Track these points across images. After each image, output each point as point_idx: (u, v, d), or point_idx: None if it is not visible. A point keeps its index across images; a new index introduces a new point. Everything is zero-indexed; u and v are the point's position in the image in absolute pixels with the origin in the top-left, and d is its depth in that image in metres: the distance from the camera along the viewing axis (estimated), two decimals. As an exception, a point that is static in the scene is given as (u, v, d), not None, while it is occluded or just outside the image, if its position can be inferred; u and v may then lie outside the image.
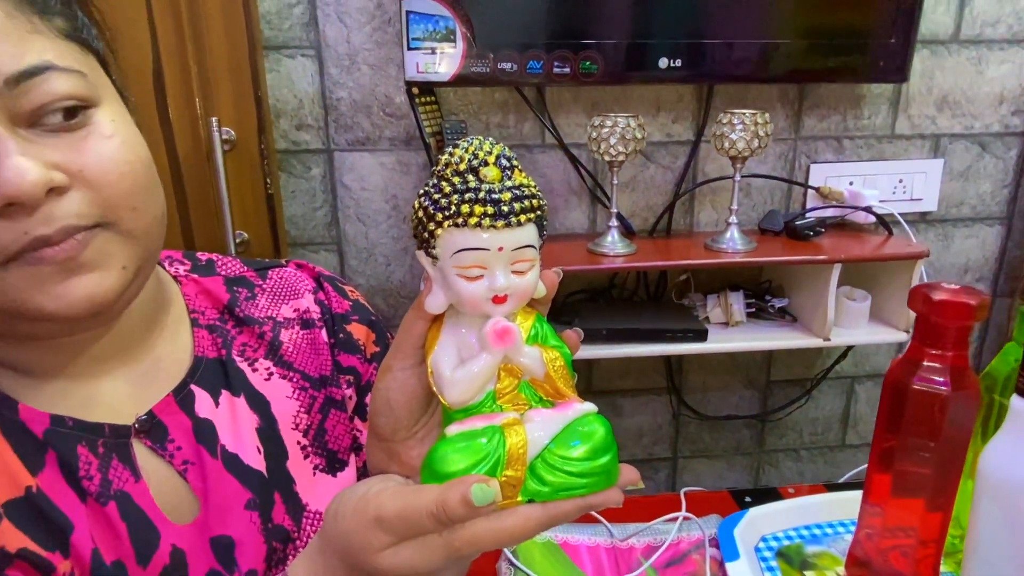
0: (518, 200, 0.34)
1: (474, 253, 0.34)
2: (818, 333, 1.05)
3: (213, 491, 0.46)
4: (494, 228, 0.34)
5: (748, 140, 0.98)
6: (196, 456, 0.46)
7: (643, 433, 1.35)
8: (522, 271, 0.35)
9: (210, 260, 0.56)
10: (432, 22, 0.96)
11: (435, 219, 0.34)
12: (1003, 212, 1.28)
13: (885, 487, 0.61)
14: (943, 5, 1.14)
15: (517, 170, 0.36)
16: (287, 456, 0.50)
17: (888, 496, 0.61)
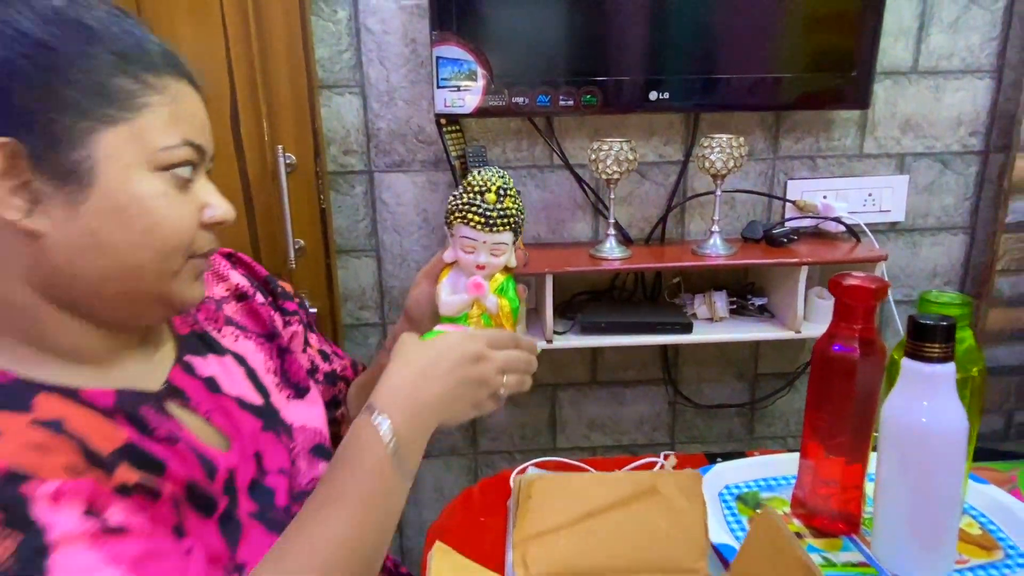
0: (501, 218, 0.61)
1: (469, 240, 0.61)
2: (790, 327, 1.18)
3: (235, 425, 0.58)
4: (483, 230, 0.61)
5: (725, 160, 1.12)
6: (214, 404, 0.58)
7: (643, 421, 1.48)
8: (496, 254, 0.62)
9: None
10: (457, 65, 1.13)
11: (454, 215, 0.62)
12: (966, 222, 1.40)
13: (816, 449, 0.74)
14: (902, 42, 1.28)
15: (509, 197, 0.61)
16: (269, 393, 0.64)
17: (818, 456, 0.74)
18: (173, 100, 0.48)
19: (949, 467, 0.63)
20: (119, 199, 0.46)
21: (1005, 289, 1.38)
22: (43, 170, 0.44)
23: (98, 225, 0.45)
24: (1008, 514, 0.75)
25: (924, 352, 0.61)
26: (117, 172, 0.45)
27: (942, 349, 0.61)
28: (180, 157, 0.48)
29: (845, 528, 0.74)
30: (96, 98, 0.45)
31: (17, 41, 0.43)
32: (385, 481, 0.52)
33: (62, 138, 0.44)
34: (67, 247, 0.45)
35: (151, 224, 0.47)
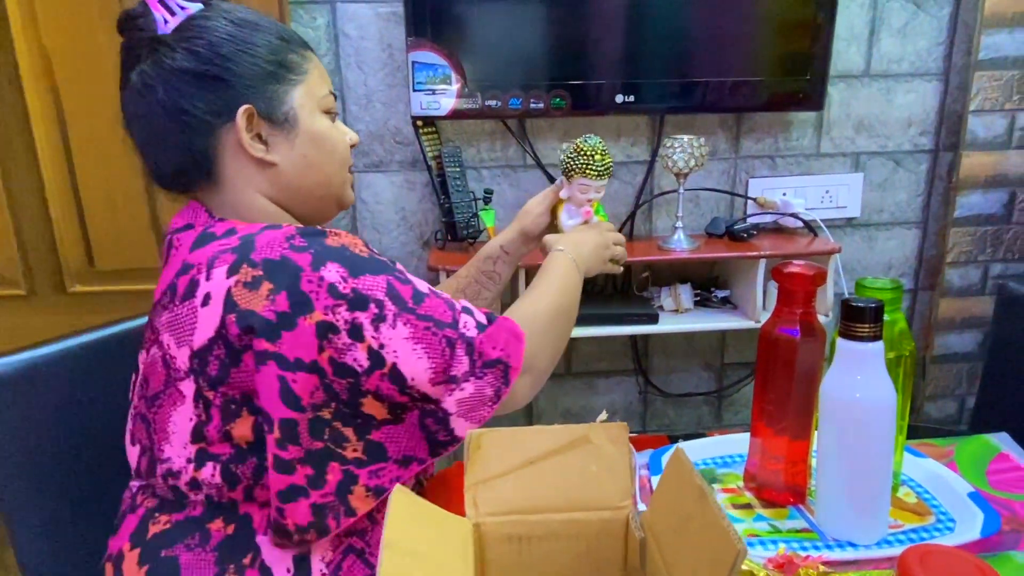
0: (606, 170, 0.89)
1: (586, 185, 0.89)
2: (751, 317, 1.23)
3: None
4: (595, 178, 0.88)
5: (687, 160, 1.17)
6: None
7: (615, 410, 1.53)
8: (599, 192, 0.90)
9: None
10: (432, 69, 1.17)
11: (575, 170, 0.88)
12: (918, 217, 1.46)
13: (764, 428, 0.79)
14: (854, 47, 1.34)
15: (608, 156, 0.89)
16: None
17: (766, 434, 0.79)
18: (316, 65, 0.69)
19: (880, 438, 0.68)
20: (313, 132, 0.67)
21: (955, 280, 1.45)
22: (269, 120, 0.65)
23: (306, 151, 0.67)
24: (941, 483, 0.80)
25: (855, 332, 0.66)
26: (307, 116, 0.67)
27: (871, 328, 0.66)
28: (331, 101, 0.70)
29: (792, 499, 0.79)
30: (284, 70, 0.66)
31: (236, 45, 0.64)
32: (570, 273, 0.79)
33: (274, 99, 0.65)
34: (292, 168, 0.66)
35: (332, 146, 0.68)
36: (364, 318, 0.56)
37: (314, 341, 0.55)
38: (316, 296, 0.55)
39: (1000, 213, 1.41)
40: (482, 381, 0.61)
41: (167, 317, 0.59)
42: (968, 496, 0.76)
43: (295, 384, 0.55)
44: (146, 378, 0.63)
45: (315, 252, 0.57)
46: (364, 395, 0.58)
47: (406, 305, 0.59)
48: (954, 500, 0.77)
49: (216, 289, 0.56)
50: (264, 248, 0.57)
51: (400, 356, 0.57)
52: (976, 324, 1.48)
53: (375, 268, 0.59)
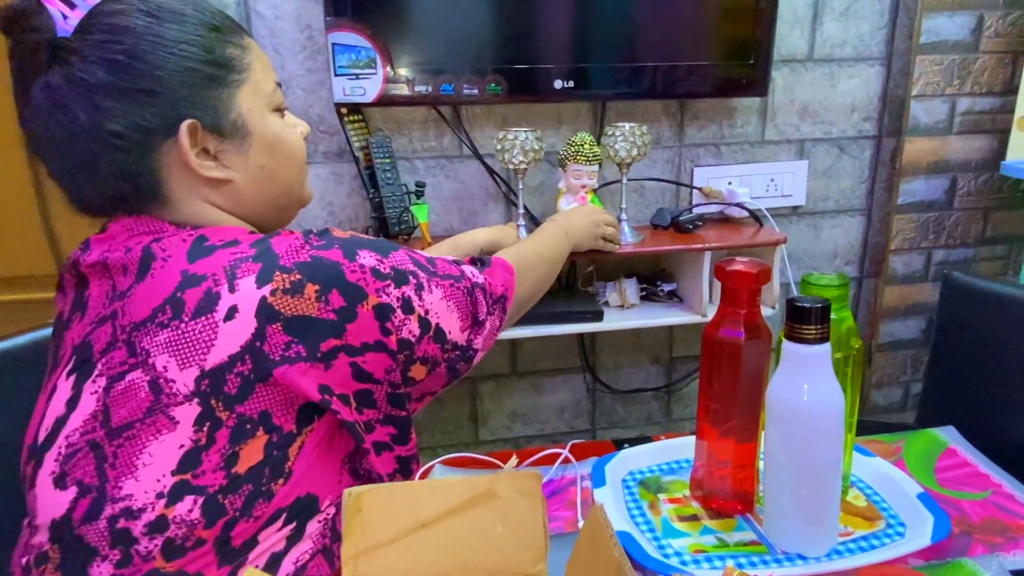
0: (596, 157, 1.14)
1: (578, 171, 1.14)
2: (697, 311, 1.20)
3: None
4: (586, 164, 1.14)
5: (629, 149, 1.13)
6: None
7: (563, 409, 1.49)
8: (591, 178, 1.15)
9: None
10: (355, 52, 1.09)
11: (569, 158, 1.14)
12: (863, 205, 1.46)
13: (710, 430, 0.75)
14: (797, 30, 1.31)
15: (597, 146, 1.14)
16: None
17: (712, 436, 0.75)
18: (256, 53, 0.62)
19: (828, 444, 0.65)
20: (268, 138, 0.61)
21: (899, 267, 1.45)
22: (217, 133, 0.58)
23: (263, 161, 0.61)
24: (891, 484, 0.78)
25: (801, 334, 0.62)
26: (257, 119, 0.61)
27: (817, 331, 0.62)
28: (280, 96, 0.64)
29: (740, 507, 0.75)
30: (224, 70, 0.58)
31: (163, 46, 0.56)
32: (557, 235, 0.90)
33: (219, 107, 0.58)
34: (250, 182, 0.61)
35: (290, 150, 0.64)
36: (410, 291, 0.59)
37: (375, 324, 0.57)
38: (365, 283, 0.57)
39: (942, 199, 1.42)
40: (494, 316, 0.68)
41: (168, 336, 0.53)
42: (918, 498, 0.74)
43: (366, 364, 0.57)
44: (107, 408, 0.54)
45: (341, 245, 0.58)
46: (414, 363, 0.61)
47: (430, 269, 0.62)
48: (904, 502, 0.75)
49: (245, 300, 0.53)
50: (290, 253, 0.56)
51: (441, 316, 0.62)
52: (920, 311, 1.49)
53: (390, 245, 0.61)
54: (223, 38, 0.59)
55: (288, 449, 0.56)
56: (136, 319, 0.54)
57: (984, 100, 1.36)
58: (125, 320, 0.54)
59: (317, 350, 0.55)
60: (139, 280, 0.55)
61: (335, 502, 0.61)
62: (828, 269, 1.49)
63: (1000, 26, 1.31)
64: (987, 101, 1.36)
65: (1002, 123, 1.37)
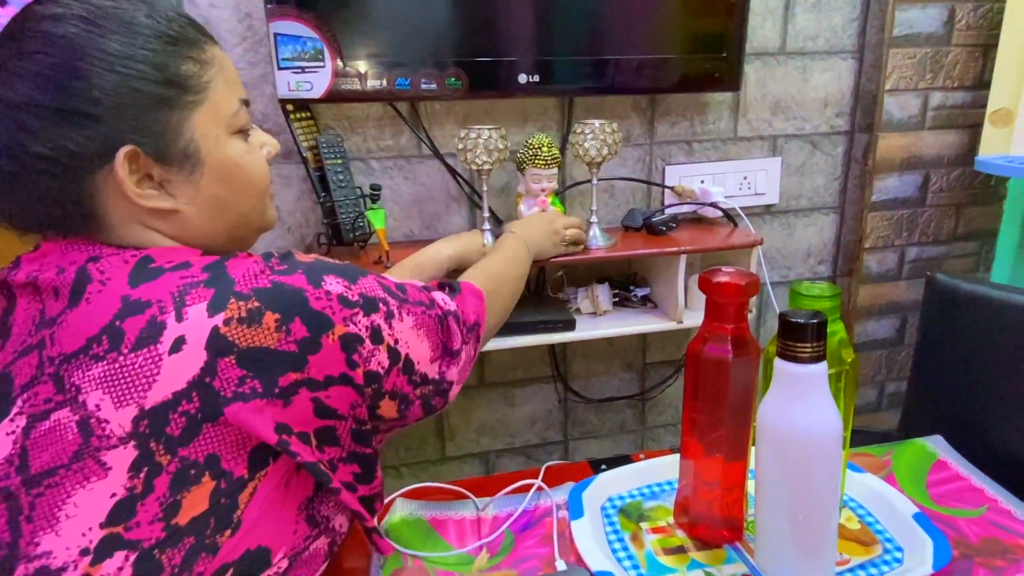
0: (554, 160, 1.09)
1: (537, 175, 1.09)
2: (672, 317, 1.15)
3: None
4: (544, 167, 1.09)
5: (599, 148, 1.07)
6: None
7: (535, 419, 1.43)
8: (551, 181, 1.10)
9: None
10: (300, 43, 1.00)
11: (526, 162, 1.09)
12: (836, 202, 1.44)
13: (695, 447, 0.70)
14: (769, 22, 1.28)
15: (555, 147, 1.10)
16: None
17: (699, 454, 0.70)
18: (220, 68, 0.55)
19: (826, 471, 0.60)
20: (222, 166, 0.56)
21: (873, 266, 1.44)
22: (162, 161, 0.52)
23: (216, 190, 0.56)
24: (885, 504, 0.74)
25: (795, 352, 0.58)
26: (212, 145, 0.55)
27: (813, 349, 0.57)
28: (244, 118, 0.57)
29: (729, 535, 0.71)
30: (176, 90, 0.52)
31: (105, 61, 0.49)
32: (517, 249, 0.88)
33: (166, 132, 0.52)
34: (199, 213, 0.55)
35: (248, 177, 0.58)
36: (379, 319, 0.55)
37: (341, 355, 0.52)
38: (331, 311, 0.52)
39: (915, 196, 1.40)
40: (469, 345, 0.65)
41: (103, 370, 0.48)
42: (914, 519, 0.71)
43: (330, 399, 0.53)
44: (25, 451, 0.48)
45: (305, 270, 0.53)
46: (382, 397, 0.57)
47: (400, 296, 0.59)
48: (900, 524, 0.71)
49: (194, 330, 0.48)
50: (247, 278, 0.51)
51: (411, 345, 0.58)
52: (894, 310, 1.48)
53: (358, 271, 0.57)
54: (180, 52, 0.52)
55: (238, 496, 0.50)
56: (66, 350, 0.48)
57: (956, 94, 1.35)
58: (54, 351, 0.49)
59: (275, 385, 0.50)
60: (72, 306, 0.49)
61: (288, 554, 0.54)
62: (802, 269, 1.46)
63: (971, 18, 1.29)
64: (959, 95, 1.35)
65: (973, 118, 1.36)
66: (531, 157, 1.08)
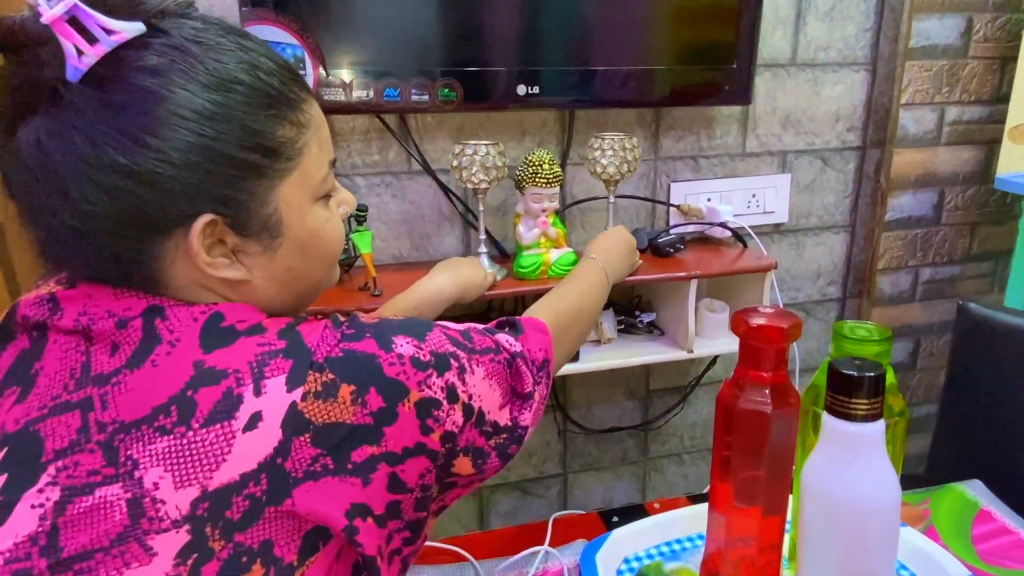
0: (555, 178, 1.01)
1: (537, 194, 1.01)
2: (682, 345, 1.09)
3: None
4: (545, 186, 1.01)
5: (618, 165, 1.01)
6: None
7: (532, 452, 1.36)
8: (552, 201, 1.02)
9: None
10: (279, 50, 0.93)
11: (526, 180, 1.01)
12: (846, 220, 1.38)
13: (726, 496, 0.63)
14: (780, 30, 1.23)
15: (556, 165, 1.01)
16: None
17: (729, 505, 0.63)
18: (316, 129, 0.51)
19: (882, 542, 0.54)
20: (303, 237, 0.51)
21: (886, 287, 1.39)
22: (240, 232, 0.48)
23: (292, 262, 0.52)
24: (931, 564, 0.68)
25: (849, 409, 0.51)
26: (296, 215, 0.50)
27: (870, 406, 0.51)
28: (331, 182, 0.53)
29: (762, 604, 0.64)
30: (269, 158, 0.47)
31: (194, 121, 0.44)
32: (597, 280, 0.82)
33: (251, 202, 0.47)
34: (270, 284, 0.51)
35: (326, 249, 0.54)
36: (453, 376, 0.51)
37: (415, 423, 0.48)
38: (406, 376, 0.48)
39: (930, 214, 1.36)
40: (541, 385, 0.60)
41: (168, 445, 0.43)
42: (968, 585, 0.64)
43: (404, 472, 0.48)
44: (56, 529, 0.41)
45: (373, 333, 0.49)
46: (456, 456, 0.52)
47: (468, 346, 0.54)
48: (950, 589, 0.65)
49: (272, 407, 0.44)
50: (322, 347, 0.47)
51: (484, 398, 0.54)
52: (907, 333, 1.43)
53: (422, 325, 0.53)
54: (278, 115, 0.47)
55: None
56: (125, 418, 0.43)
57: (973, 109, 1.30)
58: (106, 416, 0.43)
59: (348, 461, 0.45)
60: (134, 366, 0.44)
61: None
62: (811, 290, 1.41)
63: (989, 29, 1.25)
64: (976, 110, 1.31)
65: (991, 133, 1.32)
66: (531, 175, 1.01)
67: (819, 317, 1.43)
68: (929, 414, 1.48)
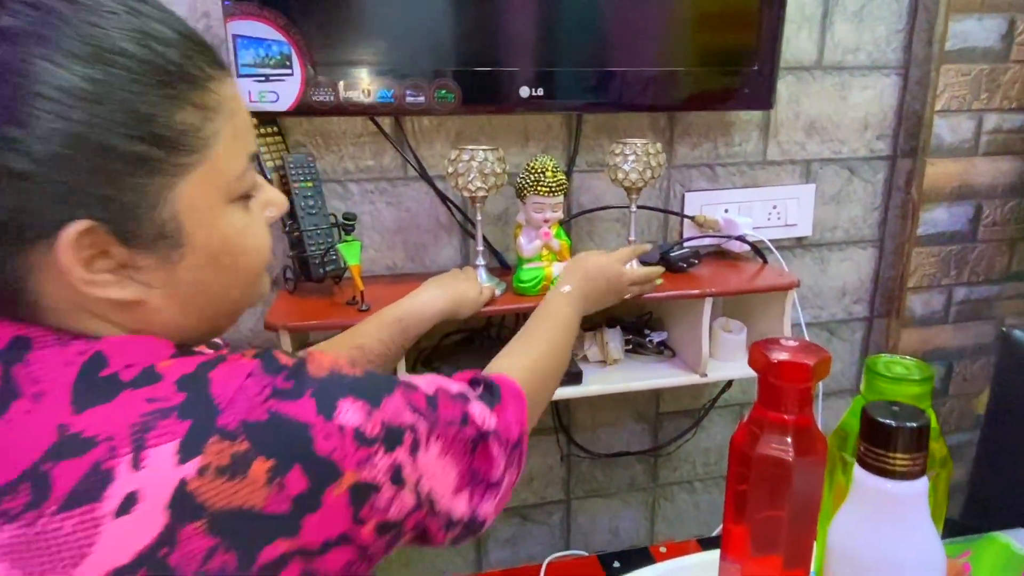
0: (559, 186, 0.94)
1: (539, 203, 0.94)
2: (695, 368, 1.02)
3: None
4: (548, 195, 0.93)
5: (641, 171, 0.95)
6: None
7: (533, 476, 1.29)
8: (555, 211, 0.95)
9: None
10: (263, 46, 0.88)
11: (527, 188, 0.94)
12: (875, 235, 1.31)
13: (741, 542, 0.56)
14: (805, 31, 1.16)
15: (559, 172, 0.94)
16: None
17: (745, 553, 0.56)
18: (229, 115, 0.42)
19: (923, 619, 0.46)
20: (212, 247, 0.43)
21: (916, 308, 1.31)
22: (127, 242, 0.39)
23: (199, 277, 0.43)
24: (973, 632, 0.60)
25: (886, 464, 0.44)
26: (202, 220, 0.42)
27: (911, 460, 0.44)
28: (250, 179, 0.45)
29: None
30: (161, 149, 0.38)
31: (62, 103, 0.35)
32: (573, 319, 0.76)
33: (139, 205, 0.39)
34: (173, 304, 0.43)
35: (244, 260, 0.45)
36: (403, 454, 0.42)
37: (347, 512, 0.40)
38: (342, 455, 0.39)
39: (965, 229, 1.28)
40: (512, 469, 0.53)
41: (15, 535, 0.35)
42: (1019, 660, 0.56)
43: (324, 564, 0.40)
44: None
45: (316, 392, 0.40)
46: (399, 539, 0.45)
47: (430, 415, 0.46)
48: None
49: (155, 485, 0.35)
50: (235, 405, 0.38)
51: (434, 479, 0.45)
52: (939, 356, 1.35)
53: (383, 383, 0.44)
54: (178, 96, 0.39)
55: None
56: None
57: (1014, 117, 1.23)
58: None
59: (254, 560, 0.37)
60: None
61: None
62: (835, 308, 1.33)
63: (1032, 32, 1.18)
64: (1017, 118, 1.23)
65: (1032, 143, 1.24)
66: (533, 183, 0.94)
67: (844, 337, 1.35)
68: (961, 443, 1.39)
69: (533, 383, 0.61)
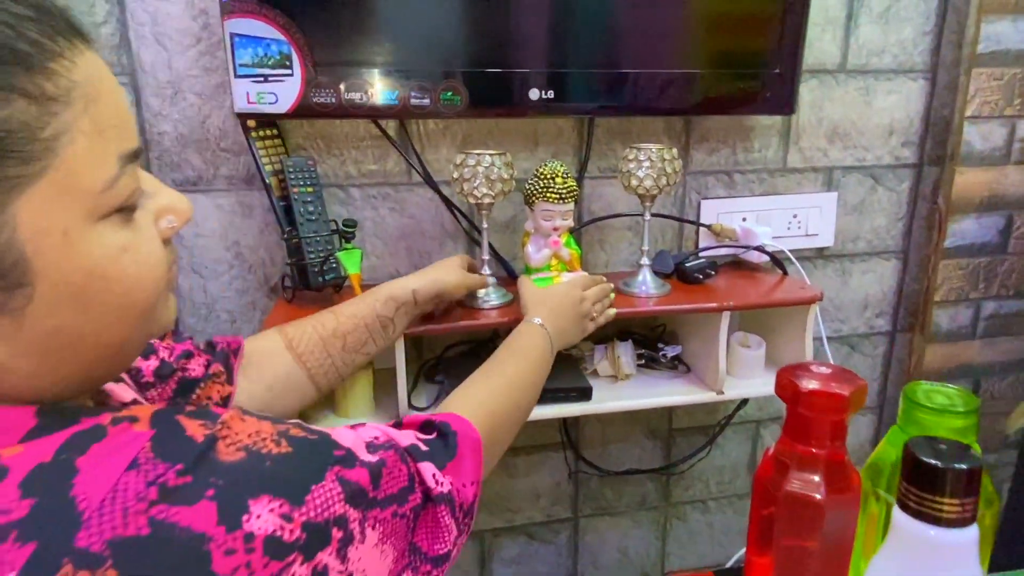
0: (569, 193, 0.90)
1: (548, 211, 0.91)
2: (710, 385, 0.97)
3: None
4: (557, 203, 0.90)
5: (656, 177, 0.91)
6: None
7: (540, 494, 1.25)
8: (565, 219, 0.92)
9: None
10: (262, 46, 0.84)
11: (535, 195, 0.91)
12: (899, 246, 1.26)
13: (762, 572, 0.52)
14: (829, 33, 1.11)
15: (570, 178, 0.91)
16: None
17: None
18: (86, 104, 0.32)
19: None
20: (72, 280, 0.33)
21: (943, 322, 1.26)
22: None
23: (59, 322, 0.33)
24: None
25: (933, 510, 0.40)
26: (56, 248, 0.32)
27: (962, 507, 0.39)
28: (125, 188, 0.35)
29: None
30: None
31: None
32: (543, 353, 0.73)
33: None
34: (27, 360, 0.33)
35: (123, 289, 0.35)
36: (328, 556, 0.35)
37: None
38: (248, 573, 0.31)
39: (995, 241, 1.23)
40: (463, 535, 0.48)
41: None
42: None
43: None
44: None
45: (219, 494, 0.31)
46: None
47: (368, 498, 0.39)
48: None
49: None
50: (105, 514, 0.29)
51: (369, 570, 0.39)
52: (966, 373, 1.30)
53: (316, 461, 0.37)
54: (12, 80, 0.30)
55: None
56: None
57: (1048, 124, 1.17)
58: None
59: None
60: None
61: None
62: (857, 322, 1.28)
63: (1068, 35, 1.13)
64: (1051, 125, 1.18)
65: (1067, 151, 1.19)
66: (542, 189, 0.90)
67: (866, 352, 1.31)
68: (987, 465, 1.34)
69: (493, 426, 0.56)
